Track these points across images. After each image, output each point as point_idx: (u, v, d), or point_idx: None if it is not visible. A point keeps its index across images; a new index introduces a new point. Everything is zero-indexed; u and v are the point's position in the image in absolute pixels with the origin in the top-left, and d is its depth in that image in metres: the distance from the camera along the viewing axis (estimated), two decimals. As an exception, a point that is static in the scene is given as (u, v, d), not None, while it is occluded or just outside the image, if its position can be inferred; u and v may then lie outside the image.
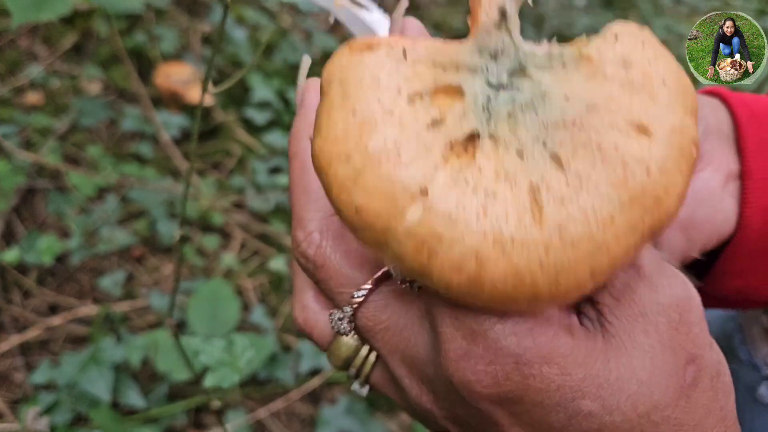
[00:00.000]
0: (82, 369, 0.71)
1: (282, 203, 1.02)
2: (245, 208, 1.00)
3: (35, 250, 0.81)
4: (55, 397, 0.71)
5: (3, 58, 1.09)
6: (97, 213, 0.88)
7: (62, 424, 0.70)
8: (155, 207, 0.90)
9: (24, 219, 0.90)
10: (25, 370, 0.75)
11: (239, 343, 0.51)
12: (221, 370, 0.50)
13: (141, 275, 0.87)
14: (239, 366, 0.48)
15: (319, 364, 0.81)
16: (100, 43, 1.18)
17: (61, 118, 1.02)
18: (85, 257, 0.85)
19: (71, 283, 0.85)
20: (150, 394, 0.73)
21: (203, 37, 1.26)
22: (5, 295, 0.81)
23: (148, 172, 0.94)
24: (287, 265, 0.93)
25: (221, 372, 0.50)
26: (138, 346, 0.73)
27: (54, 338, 0.80)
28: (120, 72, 1.12)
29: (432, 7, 1.85)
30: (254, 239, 0.96)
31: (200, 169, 1.04)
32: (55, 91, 1.06)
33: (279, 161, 1.08)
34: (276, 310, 0.89)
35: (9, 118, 0.98)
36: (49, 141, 0.96)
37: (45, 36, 1.16)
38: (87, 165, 0.97)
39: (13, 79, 1.07)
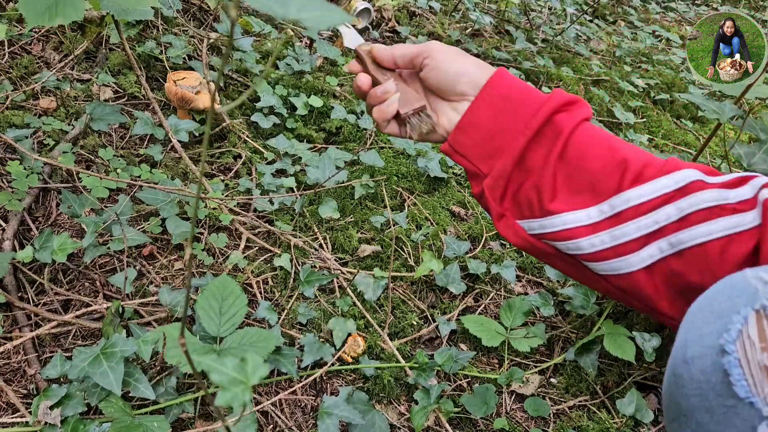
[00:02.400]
0: (93, 363, 0.72)
1: (286, 204, 1.04)
2: (251, 209, 1.03)
3: (48, 249, 0.83)
4: (66, 390, 0.72)
5: (15, 63, 1.12)
6: (108, 213, 0.91)
7: (73, 416, 0.71)
8: (165, 207, 0.92)
9: (37, 219, 0.92)
10: (37, 365, 0.77)
11: (252, 361, 0.52)
12: (232, 389, 0.51)
13: (151, 272, 0.90)
14: (250, 385, 0.49)
15: (322, 357, 0.83)
16: (110, 50, 1.21)
17: (72, 123, 1.05)
18: (97, 255, 0.88)
19: (83, 280, 0.87)
20: (159, 385, 0.75)
21: (210, 45, 1.29)
22: (19, 292, 0.83)
23: (158, 175, 0.97)
24: (291, 263, 0.96)
25: (232, 392, 0.50)
26: (148, 340, 0.75)
27: (66, 333, 0.82)
28: (130, 78, 1.15)
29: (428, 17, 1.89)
30: (260, 238, 0.99)
31: (208, 171, 1.07)
32: (66, 96, 1.09)
33: (284, 164, 1.11)
34: (281, 306, 0.92)
35: (22, 122, 1.01)
36: (62, 144, 0.99)
37: (57, 42, 1.20)
38: (99, 167, 1.00)
39: (25, 84, 1.10)
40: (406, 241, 1.06)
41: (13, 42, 1.16)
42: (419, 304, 0.98)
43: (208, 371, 0.53)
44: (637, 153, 0.53)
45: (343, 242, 1.03)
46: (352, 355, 0.85)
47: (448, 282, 1.00)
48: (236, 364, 0.57)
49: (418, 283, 1.01)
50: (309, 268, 0.94)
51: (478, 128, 0.55)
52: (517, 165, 0.54)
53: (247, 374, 0.55)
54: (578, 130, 0.53)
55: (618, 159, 0.52)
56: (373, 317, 0.93)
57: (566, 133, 0.53)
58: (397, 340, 0.91)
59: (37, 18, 0.79)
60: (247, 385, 0.53)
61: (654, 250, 0.50)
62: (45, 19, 0.79)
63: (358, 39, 0.62)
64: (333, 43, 1.45)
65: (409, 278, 1.00)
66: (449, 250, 1.05)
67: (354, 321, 0.89)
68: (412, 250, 1.05)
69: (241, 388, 0.54)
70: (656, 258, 0.50)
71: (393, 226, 1.08)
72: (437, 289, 1.01)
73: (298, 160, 1.14)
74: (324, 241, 1.02)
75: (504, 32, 1.96)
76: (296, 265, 0.96)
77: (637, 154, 0.53)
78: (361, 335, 0.88)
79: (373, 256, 1.02)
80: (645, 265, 0.51)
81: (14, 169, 0.89)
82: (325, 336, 0.89)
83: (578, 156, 0.53)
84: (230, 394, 0.53)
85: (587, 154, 0.53)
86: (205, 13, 1.40)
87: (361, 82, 0.58)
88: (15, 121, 1.01)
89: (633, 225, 0.50)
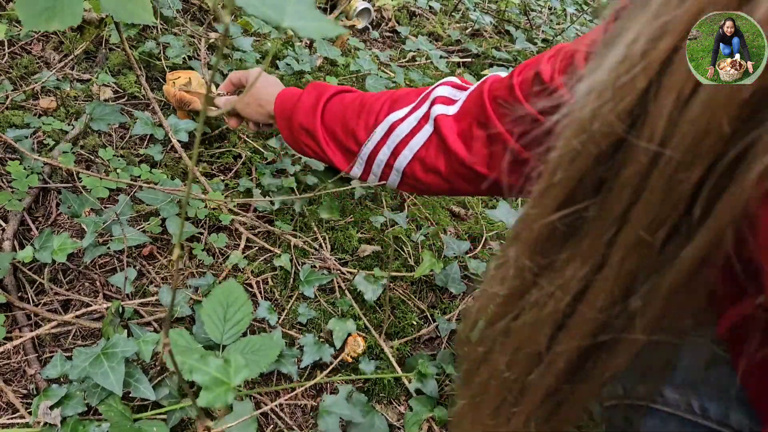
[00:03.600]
0: (93, 363, 0.72)
1: (286, 204, 1.04)
2: (251, 209, 1.03)
3: (48, 249, 0.83)
4: (66, 390, 0.72)
5: (15, 63, 1.12)
6: (108, 213, 0.91)
7: (72, 417, 0.71)
8: (165, 207, 0.92)
9: (37, 219, 0.92)
10: (37, 365, 0.77)
11: (235, 363, 0.51)
12: (215, 389, 0.50)
13: (151, 272, 0.90)
14: (232, 386, 0.49)
15: (321, 357, 0.83)
16: (110, 50, 1.21)
17: (72, 123, 1.05)
18: (97, 255, 0.88)
19: (83, 280, 0.87)
20: (160, 386, 0.75)
21: (210, 45, 1.29)
22: (19, 292, 0.83)
23: (158, 175, 0.97)
24: (291, 263, 0.96)
25: (215, 392, 0.50)
26: (149, 341, 0.75)
27: (66, 333, 0.82)
28: (130, 78, 1.15)
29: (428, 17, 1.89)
30: (260, 238, 0.99)
31: (208, 171, 1.07)
32: (66, 96, 1.09)
33: (283, 164, 1.11)
34: (280, 306, 0.92)
35: (22, 122, 1.01)
36: (62, 144, 0.99)
37: (57, 42, 1.20)
38: (99, 167, 1.00)
39: (25, 84, 1.09)
40: (406, 241, 1.06)
41: (13, 42, 1.16)
42: (419, 304, 0.98)
43: (191, 371, 0.53)
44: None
45: (343, 242, 1.03)
46: (352, 355, 0.85)
47: (448, 282, 1.00)
48: (219, 364, 0.56)
49: (418, 282, 1.01)
50: (309, 268, 0.94)
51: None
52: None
53: (230, 375, 0.54)
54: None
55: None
56: (372, 317, 0.93)
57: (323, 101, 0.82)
58: (397, 340, 0.91)
59: (33, 21, 0.78)
60: (230, 386, 0.53)
61: (394, 176, 0.77)
62: (41, 22, 0.78)
63: None
64: (333, 43, 1.45)
65: (409, 278, 1.00)
66: (449, 249, 1.05)
67: (354, 321, 0.89)
68: (412, 250, 1.05)
69: (223, 388, 0.53)
70: (399, 178, 0.77)
71: (393, 226, 1.08)
72: (437, 288, 1.01)
73: (298, 160, 1.14)
74: (324, 240, 1.02)
75: (504, 32, 1.96)
76: (296, 265, 0.96)
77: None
78: (361, 335, 0.88)
79: (373, 256, 1.02)
80: (399, 181, 0.77)
81: (14, 169, 0.89)
82: (324, 336, 0.89)
83: (335, 119, 0.81)
84: (213, 394, 0.52)
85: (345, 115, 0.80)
86: (205, 13, 1.40)
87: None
88: (15, 121, 1.01)
89: (375, 166, 0.78)
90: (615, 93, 0.30)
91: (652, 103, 0.30)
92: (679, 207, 0.30)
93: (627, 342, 0.35)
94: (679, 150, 0.29)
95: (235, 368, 0.55)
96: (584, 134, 0.32)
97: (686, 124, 0.28)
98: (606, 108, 0.31)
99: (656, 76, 0.29)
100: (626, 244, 0.32)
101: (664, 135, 0.29)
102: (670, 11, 0.29)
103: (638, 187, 0.31)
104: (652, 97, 0.30)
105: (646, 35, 0.29)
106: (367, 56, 1.39)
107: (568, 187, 0.34)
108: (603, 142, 0.32)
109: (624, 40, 0.30)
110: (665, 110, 0.29)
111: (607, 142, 0.32)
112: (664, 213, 0.31)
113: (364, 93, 0.82)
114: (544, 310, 0.37)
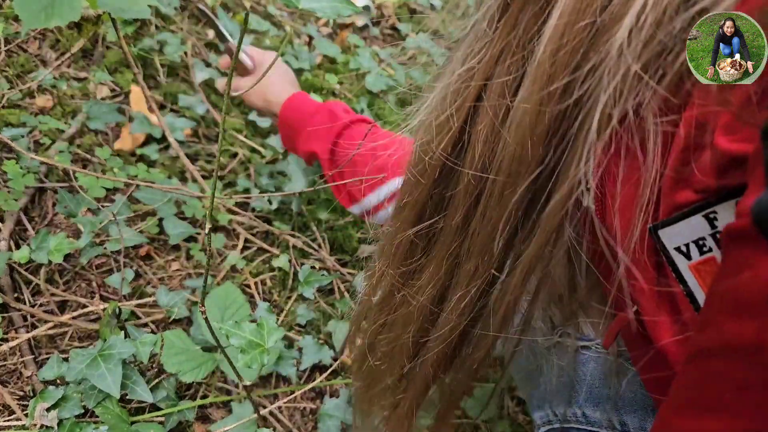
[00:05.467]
0: (90, 365, 0.71)
1: (284, 204, 1.04)
2: (249, 208, 1.02)
3: (45, 249, 0.82)
4: (63, 392, 0.71)
5: (12, 62, 1.11)
6: (105, 213, 0.90)
7: (69, 419, 0.71)
8: (162, 207, 0.91)
9: (33, 219, 0.91)
10: (34, 367, 0.76)
11: (267, 324, 0.54)
12: (251, 352, 0.53)
13: (148, 273, 0.89)
14: (266, 347, 0.52)
15: (321, 359, 0.82)
16: (107, 48, 1.20)
17: (69, 121, 1.04)
18: (94, 256, 0.87)
19: (80, 281, 0.87)
20: (157, 389, 0.75)
21: (207, 43, 1.28)
22: (15, 293, 0.82)
23: (156, 174, 0.96)
24: (289, 264, 0.95)
25: (252, 354, 0.53)
26: (146, 342, 0.74)
27: (62, 335, 0.81)
28: (127, 76, 1.14)
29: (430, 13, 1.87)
30: (258, 238, 0.98)
31: (206, 170, 1.06)
32: (63, 94, 1.08)
33: (282, 164, 1.10)
34: (279, 307, 0.91)
35: (18, 120, 1.00)
36: (58, 143, 0.98)
37: (53, 40, 1.19)
38: (95, 167, 0.99)
39: (21, 82, 1.08)
40: (406, 241, 1.05)
41: (9, 40, 1.15)
42: (419, 305, 0.97)
43: (227, 336, 0.57)
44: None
45: (343, 242, 1.02)
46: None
47: (448, 282, 0.99)
48: (253, 328, 0.61)
49: (418, 283, 1.00)
50: (308, 268, 0.93)
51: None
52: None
53: (264, 338, 0.59)
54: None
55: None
56: (372, 318, 0.92)
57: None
58: (397, 342, 0.90)
59: (32, 19, 0.77)
60: (264, 348, 0.57)
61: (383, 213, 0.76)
62: (41, 19, 0.77)
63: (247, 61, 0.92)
64: (333, 40, 1.44)
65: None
66: (449, 250, 1.04)
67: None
68: (412, 250, 1.04)
69: (258, 350, 0.57)
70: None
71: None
72: (437, 289, 1.01)
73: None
74: (323, 241, 1.01)
75: (504, 29, 1.95)
76: (295, 265, 0.96)
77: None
78: (361, 336, 0.87)
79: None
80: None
81: (10, 168, 0.88)
82: (324, 338, 0.88)
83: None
84: (249, 356, 0.56)
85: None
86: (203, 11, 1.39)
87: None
88: (11, 119, 1.00)
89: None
90: (436, 130, 0.36)
91: (472, 134, 0.35)
92: (512, 216, 0.34)
93: (484, 337, 0.40)
94: (501, 173, 0.33)
95: (268, 331, 0.59)
96: (419, 165, 0.38)
97: (501, 150, 0.33)
98: (432, 143, 0.36)
99: (469, 113, 0.34)
100: (470, 252, 0.37)
101: (484, 161, 0.34)
102: (475, 56, 0.34)
103: (473, 203, 0.36)
104: (469, 130, 0.35)
105: (457, 78, 0.35)
106: (367, 53, 1.38)
107: (417, 207, 0.39)
108: (435, 170, 0.37)
109: (444, 79, 0.36)
110: (481, 138, 0.34)
111: (439, 170, 0.37)
112: (499, 222, 0.34)
113: (377, 132, 0.76)
114: (410, 309, 0.42)
